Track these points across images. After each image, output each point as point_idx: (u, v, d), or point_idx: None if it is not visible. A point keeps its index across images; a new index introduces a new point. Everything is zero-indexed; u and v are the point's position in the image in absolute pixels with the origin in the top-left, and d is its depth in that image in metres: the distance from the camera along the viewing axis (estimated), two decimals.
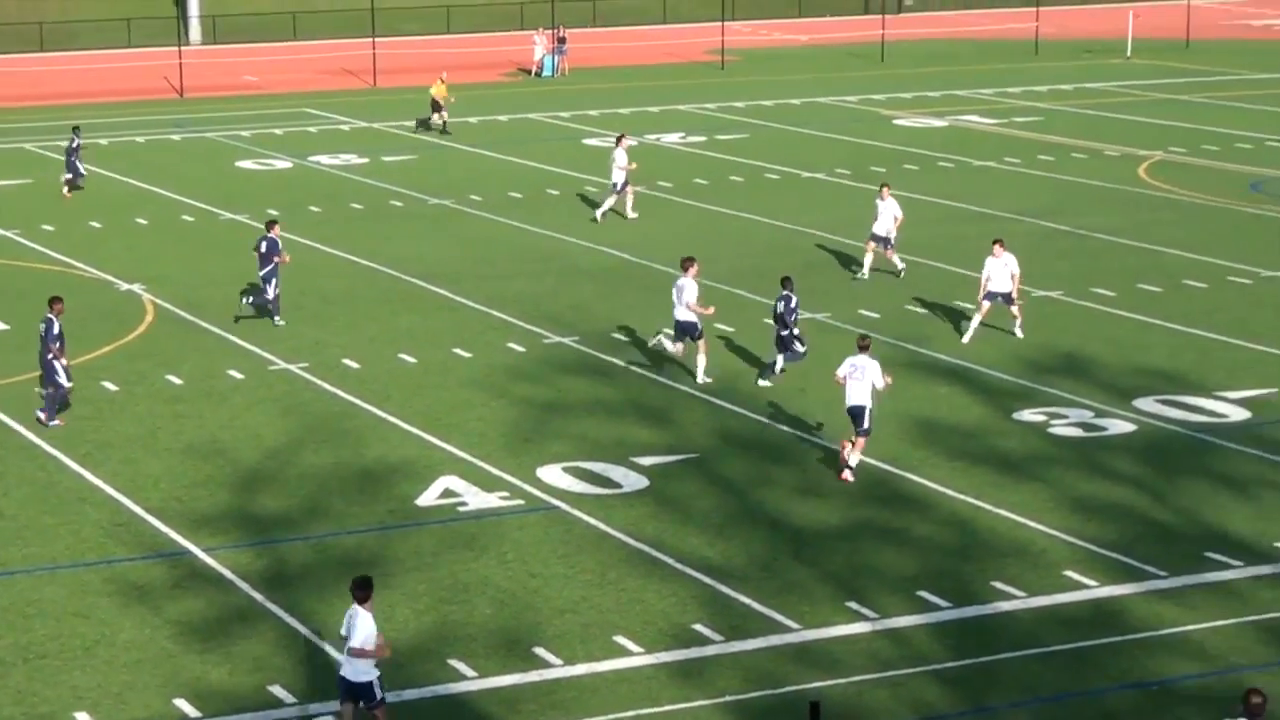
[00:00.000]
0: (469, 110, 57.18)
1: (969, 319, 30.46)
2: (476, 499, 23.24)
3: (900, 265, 34.51)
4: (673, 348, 28.49)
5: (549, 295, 33.69)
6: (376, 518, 22.69)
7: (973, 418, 26.25)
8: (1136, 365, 28.55)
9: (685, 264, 28.36)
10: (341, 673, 16.51)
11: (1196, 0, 79.98)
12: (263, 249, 31.70)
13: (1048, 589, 20.19)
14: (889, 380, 24.01)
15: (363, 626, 16.20)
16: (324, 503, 23.20)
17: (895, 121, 54.96)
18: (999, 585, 20.30)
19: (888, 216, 34.33)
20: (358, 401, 27.26)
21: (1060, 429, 25.65)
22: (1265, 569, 20.58)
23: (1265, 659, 18.37)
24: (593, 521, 22.42)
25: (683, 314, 27.97)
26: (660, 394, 27.57)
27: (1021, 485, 23.46)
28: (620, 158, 40.19)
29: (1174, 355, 29.05)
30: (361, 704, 16.40)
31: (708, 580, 20.60)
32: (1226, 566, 20.67)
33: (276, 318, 31.74)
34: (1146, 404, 26.58)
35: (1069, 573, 20.61)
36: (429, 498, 23.29)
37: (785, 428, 25.90)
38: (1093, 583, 20.34)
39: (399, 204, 42.82)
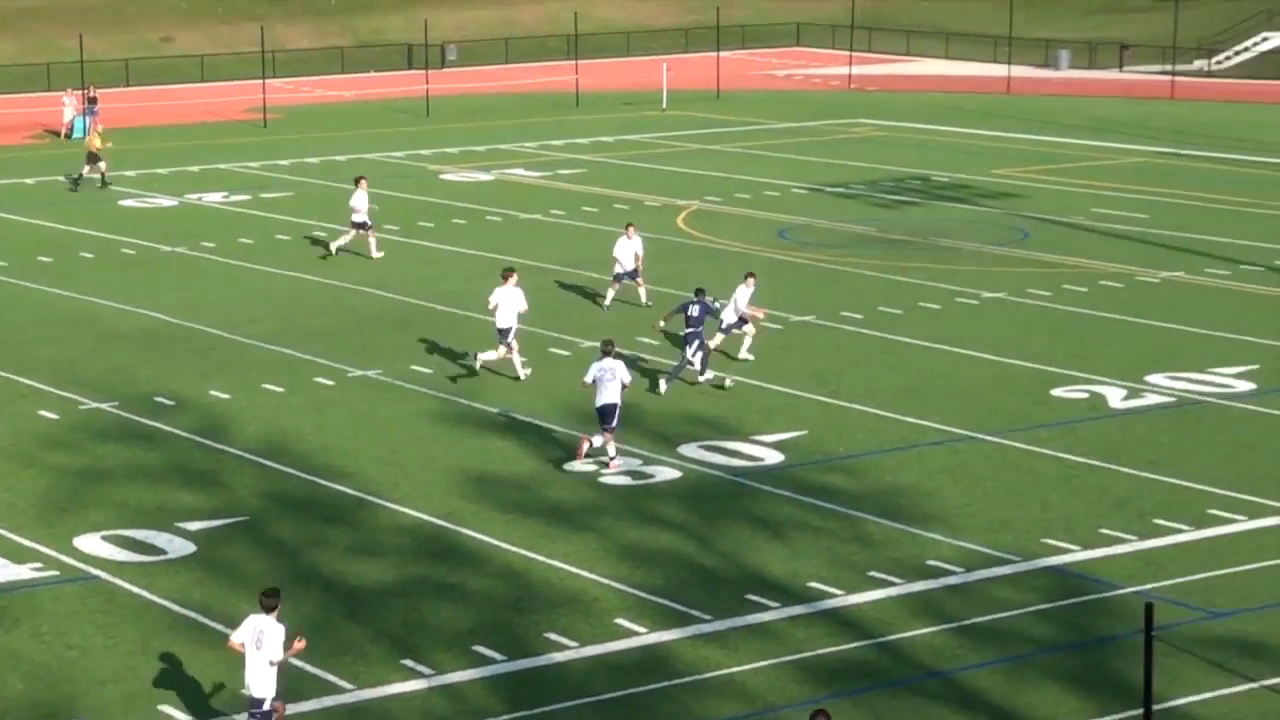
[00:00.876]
0: None
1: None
2: (6, 571, 22.26)
3: (645, 299, 36.43)
4: (495, 354, 30.80)
5: (84, 360, 32.58)
6: None
7: (525, 469, 26.50)
8: (680, 412, 29.29)
9: (505, 275, 31.12)
10: (248, 689, 16.92)
11: (725, 53, 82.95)
12: None
13: (599, 637, 20.48)
14: (633, 378, 26.67)
15: (277, 636, 16.76)
16: None
17: (442, 176, 55.26)
18: (552, 636, 20.49)
19: (629, 253, 36.30)
20: None
21: (610, 478, 26.10)
22: (799, 609, 21.29)
23: (800, 697, 18.98)
24: (135, 590, 21.72)
25: (503, 320, 30.63)
26: (207, 457, 26.95)
27: (573, 535, 23.77)
28: (360, 199, 41.08)
29: (714, 401, 29.93)
30: (265, 706, 17.01)
31: None
32: (765, 608, 21.30)
33: None
34: (690, 450, 27.29)
35: (620, 620, 20.95)
36: None
37: (338, 486, 25.64)
38: (642, 629, 20.72)
39: None
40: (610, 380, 26.15)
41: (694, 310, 30.37)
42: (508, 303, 30.77)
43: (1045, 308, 36.26)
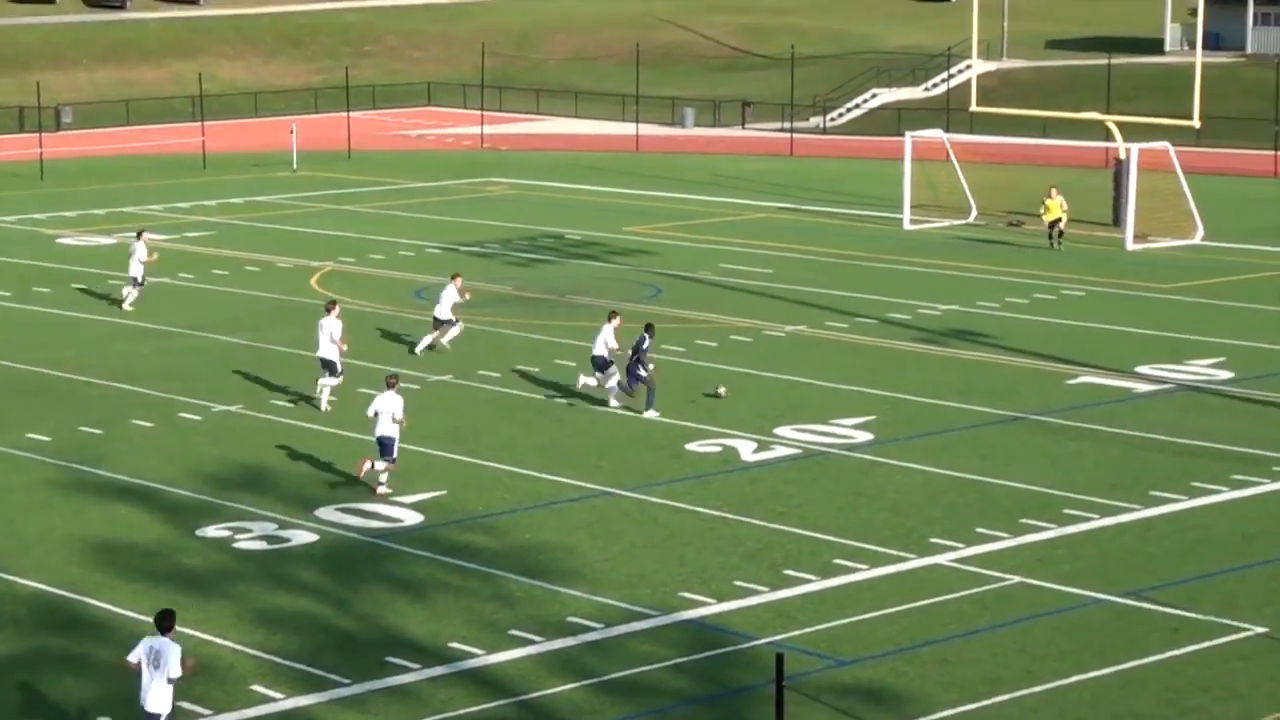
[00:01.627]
0: None
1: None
2: None
3: (448, 344, 37.20)
4: (325, 381, 32.72)
5: None
6: None
7: (154, 537, 25.77)
8: (317, 475, 28.88)
9: (329, 307, 33.27)
10: (146, 706, 17.52)
11: (355, 113, 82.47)
12: None
13: (235, 704, 20.01)
14: (405, 420, 27.85)
15: (175, 656, 17.53)
16: None
17: (60, 240, 53.54)
18: (185, 705, 19.86)
19: (448, 300, 36.88)
20: None
21: (245, 543, 25.56)
22: (440, 669, 21.13)
23: None
24: None
25: (327, 351, 32.58)
26: None
27: (207, 602, 23.19)
28: (140, 250, 41.37)
29: (352, 463, 29.52)
30: None
31: None
32: (406, 670, 21.09)
33: None
34: (328, 513, 26.90)
35: (256, 687, 20.51)
36: None
37: None
38: (279, 695, 20.31)
39: None
40: (385, 414, 27.57)
41: (645, 344, 32.49)
42: (325, 335, 32.70)
43: (678, 363, 36.89)
